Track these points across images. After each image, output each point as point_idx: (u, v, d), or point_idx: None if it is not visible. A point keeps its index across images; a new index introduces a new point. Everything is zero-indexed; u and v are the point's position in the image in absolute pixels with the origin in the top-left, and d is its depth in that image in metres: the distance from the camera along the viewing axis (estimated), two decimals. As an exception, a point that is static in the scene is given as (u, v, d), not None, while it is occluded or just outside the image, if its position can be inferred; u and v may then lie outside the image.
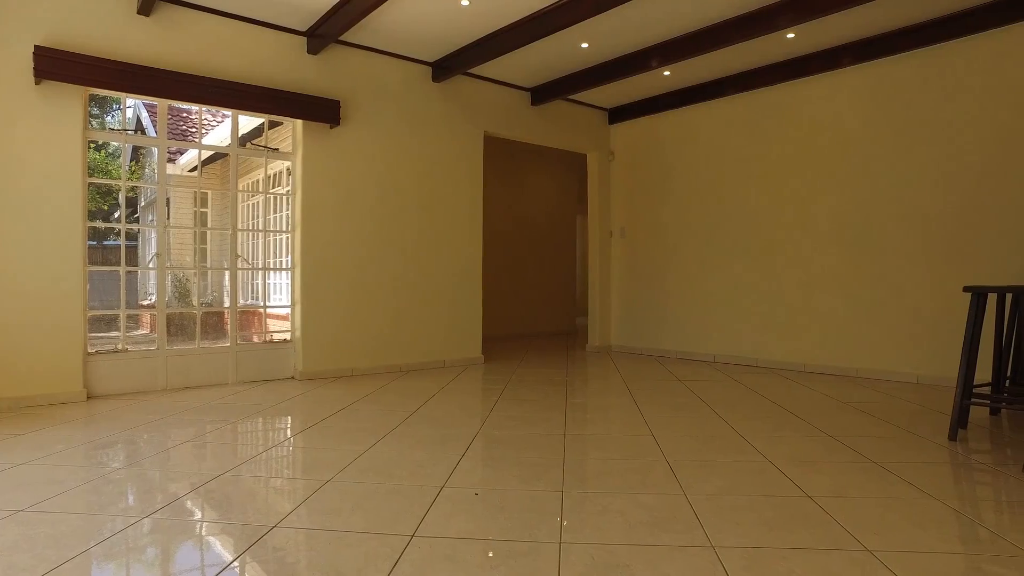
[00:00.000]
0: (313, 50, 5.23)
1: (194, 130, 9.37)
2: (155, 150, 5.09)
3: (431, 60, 5.94)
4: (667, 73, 6.24)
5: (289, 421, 3.85)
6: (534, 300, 9.68)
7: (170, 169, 9.47)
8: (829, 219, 5.71)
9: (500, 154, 8.77)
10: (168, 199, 9.42)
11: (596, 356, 7.08)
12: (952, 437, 3.38)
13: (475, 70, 6.17)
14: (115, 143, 8.28)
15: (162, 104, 4.79)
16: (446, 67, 5.87)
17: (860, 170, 5.50)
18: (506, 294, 9.17)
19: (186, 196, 9.76)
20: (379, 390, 4.81)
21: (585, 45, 5.54)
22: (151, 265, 4.93)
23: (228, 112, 5.17)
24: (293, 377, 5.34)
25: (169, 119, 5.53)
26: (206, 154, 8.00)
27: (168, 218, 9.33)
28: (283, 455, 3.14)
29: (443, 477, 2.69)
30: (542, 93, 6.68)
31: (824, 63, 5.62)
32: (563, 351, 7.52)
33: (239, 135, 5.27)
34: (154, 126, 9.23)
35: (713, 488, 2.57)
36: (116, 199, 13.71)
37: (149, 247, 9.92)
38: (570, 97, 7.02)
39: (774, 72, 5.98)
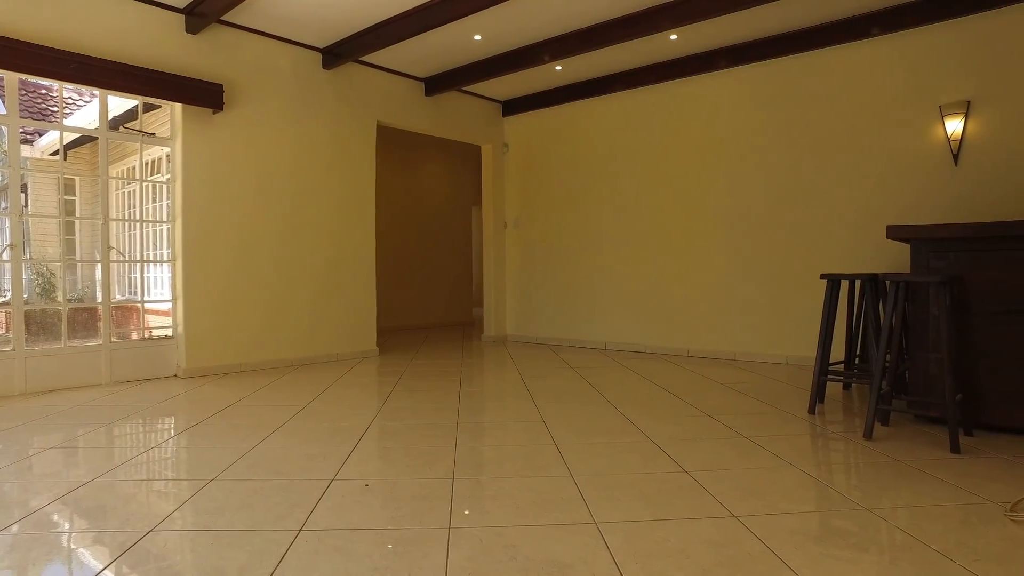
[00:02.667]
0: (192, 29, 4.93)
1: (55, 109, 8.56)
2: (4, 129, 4.61)
3: (321, 46, 5.76)
4: (559, 68, 6.39)
5: (171, 421, 3.64)
6: (430, 291, 9.66)
7: (27, 151, 8.60)
8: (707, 211, 6.09)
9: (394, 144, 8.66)
10: (25, 184, 8.56)
11: (491, 346, 7.18)
12: (811, 411, 3.73)
13: (367, 58, 6.05)
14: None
15: (10, 78, 4.33)
16: (337, 54, 5.72)
17: (736, 165, 5.90)
18: (402, 285, 9.09)
19: (48, 182, 8.88)
20: (268, 385, 4.65)
21: (478, 37, 5.57)
22: (5, 257, 4.49)
23: (96, 91, 4.78)
24: (176, 375, 5.05)
25: (23, 95, 5.02)
26: (71, 137, 7.34)
27: (26, 206, 8.49)
28: (164, 456, 2.98)
29: (333, 470, 2.66)
30: (436, 84, 6.66)
31: (702, 65, 5.97)
32: (459, 342, 7.56)
33: (109, 117, 4.89)
34: (3, 102, 8.34)
35: (598, 468, 2.70)
36: (-37, 184, 12.26)
37: (3, 237, 8.98)
38: (464, 88, 7.04)
39: (658, 71, 6.28)
